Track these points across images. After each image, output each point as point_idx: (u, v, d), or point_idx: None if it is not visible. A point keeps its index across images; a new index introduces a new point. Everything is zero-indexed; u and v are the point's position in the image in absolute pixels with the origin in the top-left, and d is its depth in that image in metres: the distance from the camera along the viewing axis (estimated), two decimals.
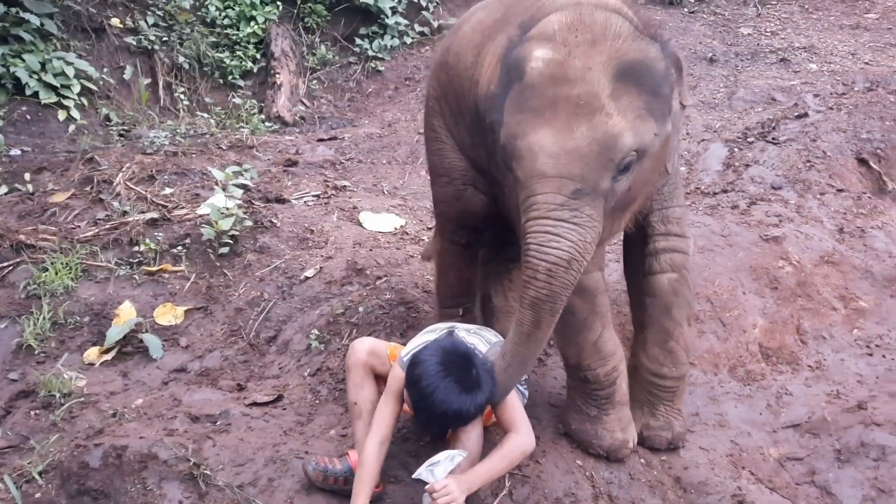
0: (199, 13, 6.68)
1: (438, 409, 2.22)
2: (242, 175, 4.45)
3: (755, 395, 3.24)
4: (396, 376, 2.43)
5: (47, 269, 3.74)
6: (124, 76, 6.07)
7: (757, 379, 3.37)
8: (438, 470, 2.26)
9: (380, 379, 2.58)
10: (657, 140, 2.16)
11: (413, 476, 2.32)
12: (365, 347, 2.57)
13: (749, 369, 3.40)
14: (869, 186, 4.71)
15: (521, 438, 2.39)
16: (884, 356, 3.44)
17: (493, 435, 2.65)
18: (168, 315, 3.63)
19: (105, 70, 5.97)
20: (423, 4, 7.30)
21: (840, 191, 4.52)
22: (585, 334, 2.60)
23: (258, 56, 6.74)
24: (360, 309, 3.43)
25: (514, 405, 2.44)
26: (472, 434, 2.38)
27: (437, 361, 2.25)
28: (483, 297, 3.24)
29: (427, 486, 2.25)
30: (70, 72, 5.62)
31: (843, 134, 4.93)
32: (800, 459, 2.86)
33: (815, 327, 3.58)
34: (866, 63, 6.26)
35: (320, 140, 5.77)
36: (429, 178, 3.19)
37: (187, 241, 3.98)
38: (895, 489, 2.69)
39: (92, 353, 3.45)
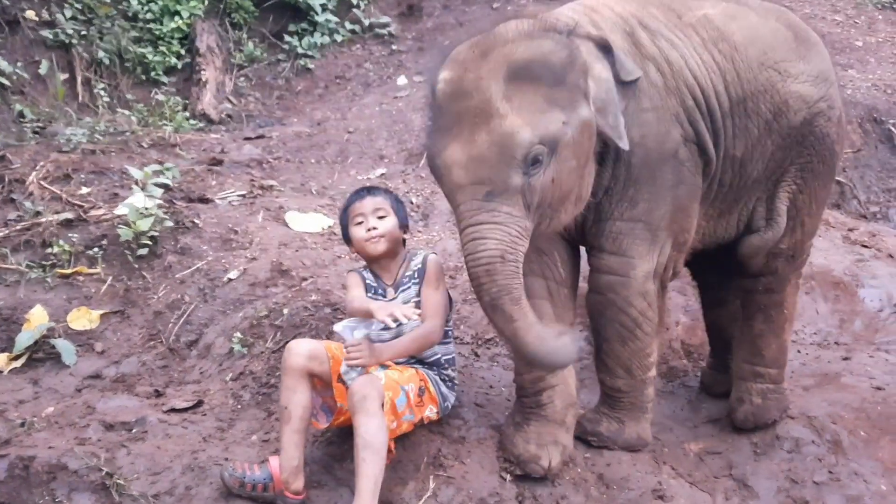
0: (120, 7, 6.47)
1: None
2: (163, 174, 4.32)
3: (677, 392, 3.31)
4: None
5: None
6: (39, 71, 5.82)
7: (679, 375, 3.46)
8: (358, 332, 2.49)
9: (318, 380, 2.55)
10: (568, 128, 2.24)
11: (334, 328, 2.51)
12: (303, 351, 2.52)
13: (672, 366, 3.48)
14: None
15: (430, 326, 2.57)
16: (798, 351, 3.56)
17: (415, 434, 2.64)
18: (82, 319, 3.50)
19: (19, 64, 5.72)
20: (354, 2, 7.24)
21: None
22: None
23: (183, 52, 6.57)
24: (285, 311, 3.37)
25: (438, 297, 2.61)
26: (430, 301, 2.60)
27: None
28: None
29: (344, 343, 2.47)
30: None
31: None
32: (718, 453, 2.93)
33: None
34: None
35: (247, 138, 5.66)
36: None
37: (104, 242, 3.84)
38: (807, 480, 2.78)
39: (0, 360, 3.29)
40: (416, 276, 2.64)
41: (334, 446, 2.71)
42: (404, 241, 2.72)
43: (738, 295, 3.01)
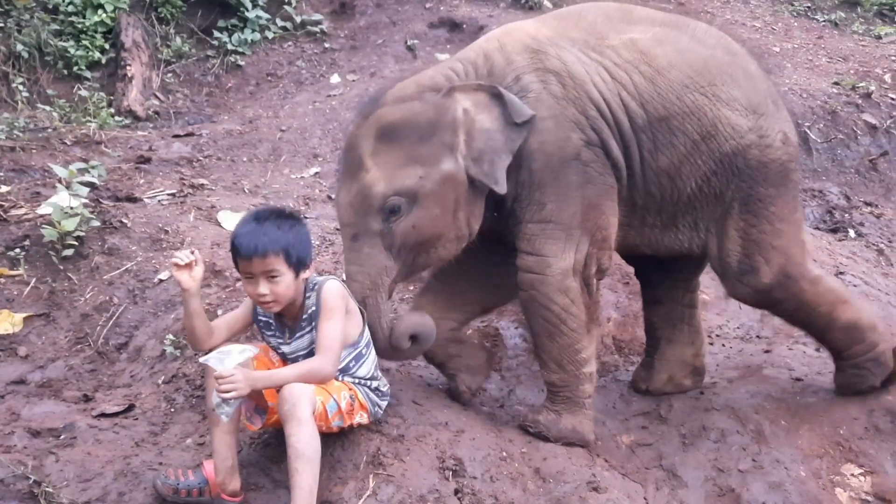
0: None
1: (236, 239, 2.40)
2: (89, 172, 4.19)
3: (609, 386, 3.40)
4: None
5: None
6: None
7: (611, 370, 3.54)
8: (228, 360, 2.31)
9: None
10: (426, 181, 2.57)
11: (200, 360, 2.36)
12: None
13: (604, 361, 3.55)
14: None
15: (319, 362, 2.43)
16: (723, 345, 3.70)
17: (354, 433, 2.64)
18: (5, 323, 3.38)
19: None
20: None
21: None
22: None
23: (107, 46, 6.38)
24: (219, 312, 3.32)
25: (330, 329, 2.43)
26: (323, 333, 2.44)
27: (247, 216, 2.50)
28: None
29: (215, 373, 2.29)
30: None
31: None
32: (649, 445, 3.02)
33: None
34: None
35: (176, 136, 5.54)
36: None
37: (26, 243, 3.70)
38: (733, 468, 2.90)
39: None
40: (311, 318, 2.48)
41: (270, 448, 2.69)
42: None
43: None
